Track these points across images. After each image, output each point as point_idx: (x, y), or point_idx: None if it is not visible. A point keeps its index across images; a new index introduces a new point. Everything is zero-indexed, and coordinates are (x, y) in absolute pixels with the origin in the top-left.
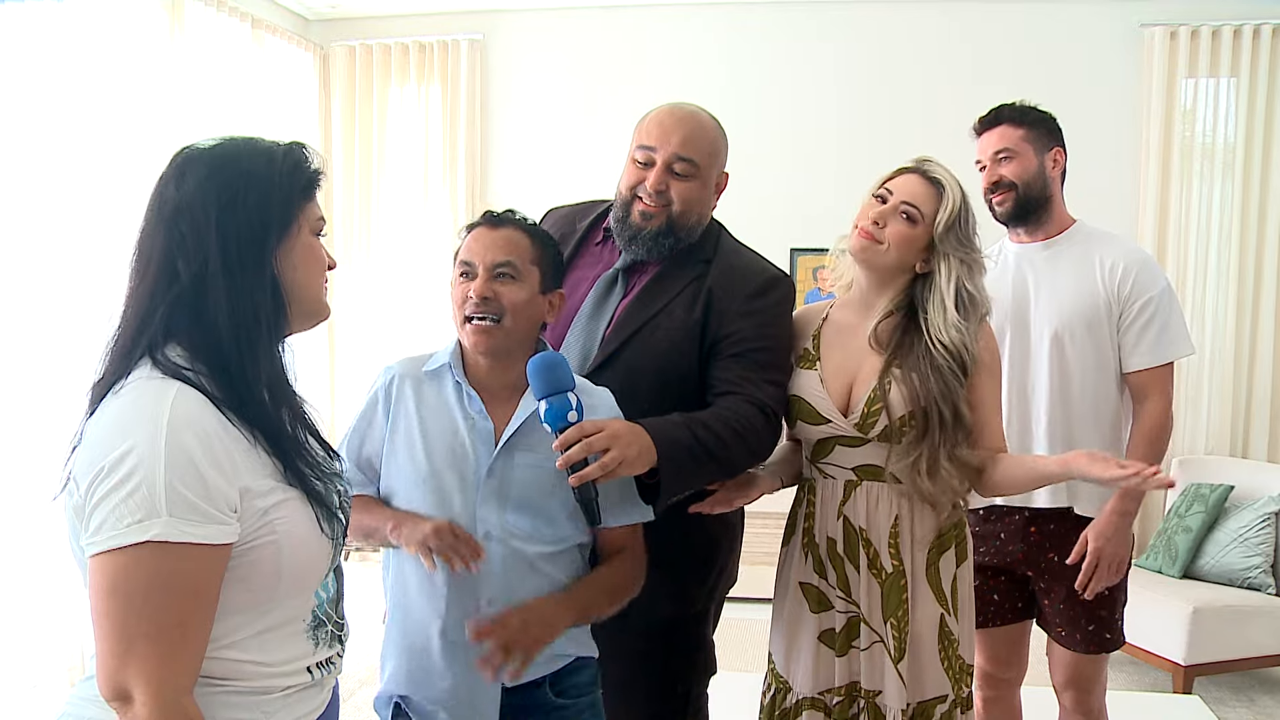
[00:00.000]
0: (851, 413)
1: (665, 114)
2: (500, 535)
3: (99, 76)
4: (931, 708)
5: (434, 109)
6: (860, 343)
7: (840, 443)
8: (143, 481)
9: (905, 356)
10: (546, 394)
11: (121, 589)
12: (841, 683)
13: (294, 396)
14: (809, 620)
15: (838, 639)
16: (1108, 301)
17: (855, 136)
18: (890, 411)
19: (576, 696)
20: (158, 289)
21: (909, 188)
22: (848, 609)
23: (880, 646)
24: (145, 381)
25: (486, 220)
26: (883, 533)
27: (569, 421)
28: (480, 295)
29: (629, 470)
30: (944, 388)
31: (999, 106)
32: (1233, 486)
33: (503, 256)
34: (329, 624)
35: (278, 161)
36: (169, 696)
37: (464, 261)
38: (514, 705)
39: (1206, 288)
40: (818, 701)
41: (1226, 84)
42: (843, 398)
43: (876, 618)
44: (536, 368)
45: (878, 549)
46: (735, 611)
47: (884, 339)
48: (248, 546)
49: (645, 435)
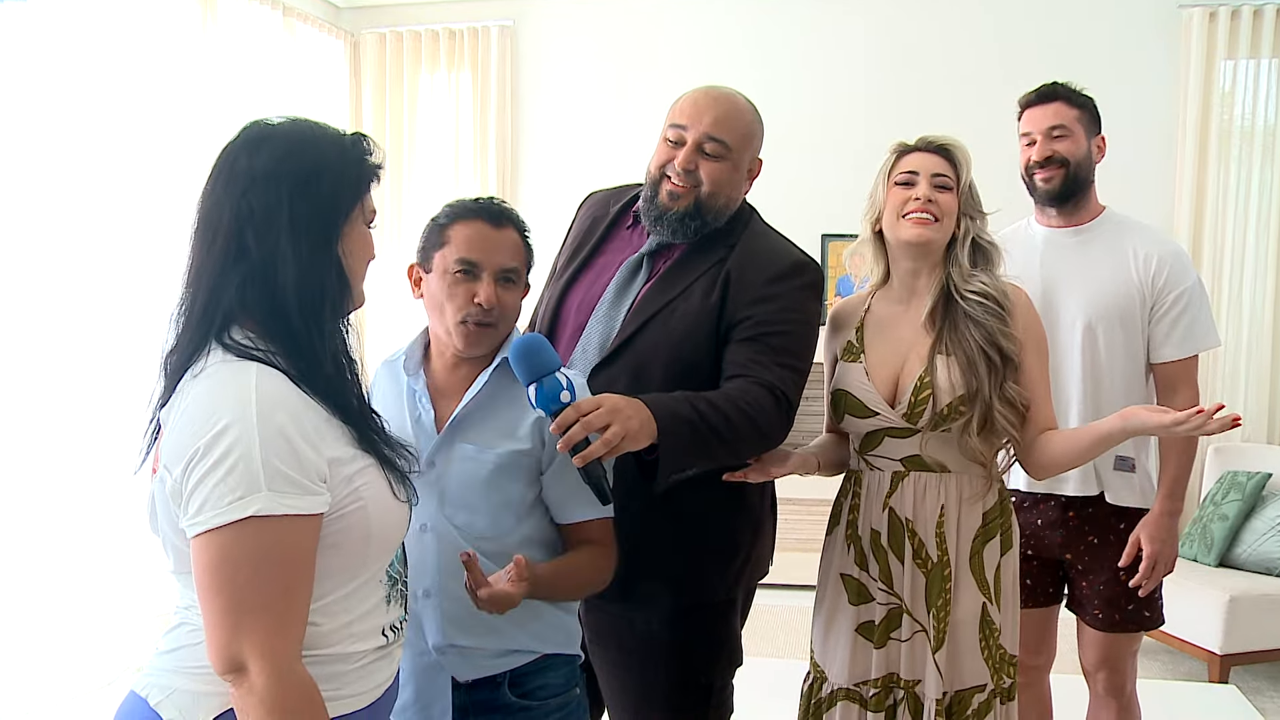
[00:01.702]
0: (899, 403)
1: (700, 94)
2: (436, 528)
3: (133, 65)
4: (969, 697)
5: (465, 96)
6: (904, 333)
7: (889, 434)
8: (240, 459)
9: (950, 335)
10: (534, 378)
11: (228, 565)
12: (878, 674)
13: (358, 373)
14: (847, 611)
15: (876, 631)
16: (1141, 293)
17: (885, 120)
18: (938, 396)
19: (544, 698)
20: (227, 260)
21: (929, 162)
22: (889, 601)
23: (922, 636)
24: (222, 365)
25: (487, 215)
26: (929, 523)
27: (562, 403)
28: (489, 304)
29: (633, 444)
30: (985, 332)
31: (1053, 83)
32: (1270, 474)
33: (511, 262)
34: (400, 581)
35: (348, 150)
36: (284, 665)
37: (466, 260)
38: (469, 704)
39: (1244, 274)
40: (853, 693)
41: (1267, 65)
42: (889, 388)
43: (920, 608)
44: (518, 353)
45: (923, 539)
46: (769, 598)
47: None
48: (339, 514)
49: (645, 408)
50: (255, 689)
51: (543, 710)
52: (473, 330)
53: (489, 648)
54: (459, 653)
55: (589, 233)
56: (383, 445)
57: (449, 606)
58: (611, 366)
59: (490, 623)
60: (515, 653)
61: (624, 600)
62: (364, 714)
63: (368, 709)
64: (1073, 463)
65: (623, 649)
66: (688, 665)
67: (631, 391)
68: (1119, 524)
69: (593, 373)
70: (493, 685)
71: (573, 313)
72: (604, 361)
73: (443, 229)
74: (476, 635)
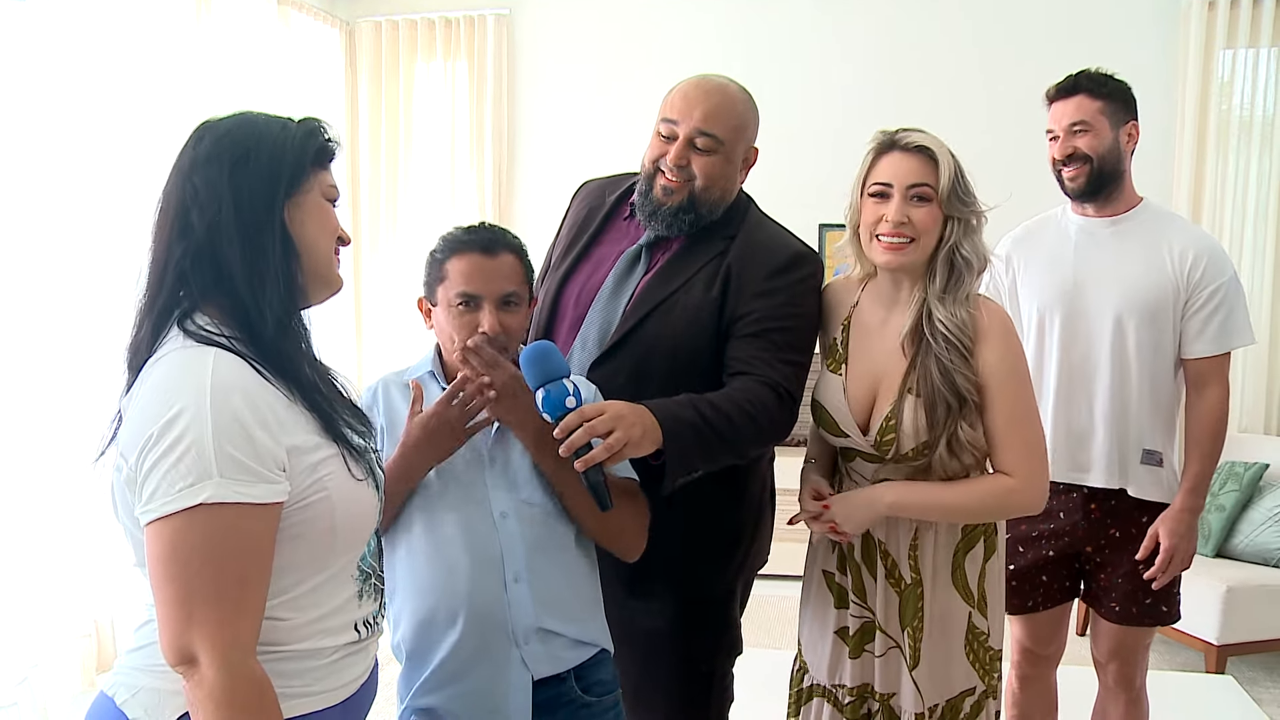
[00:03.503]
0: (870, 431)
1: (691, 86)
2: (515, 512)
3: (126, 55)
4: (961, 701)
5: (460, 85)
6: (886, 344)
7: (861, 456)
8: (192, 445)
9: (921, 368)
10: (541, 383)
11: (179, 553)
12: (854, 683)
13: (317, 359)
14: (829, 612)
15: (851, 640)
16: (1175, 288)
17: (885, 110)
18: (901, 440)
19: (601, 694)
20: (173, 240)
21: (904, 170)
22: (861, 614)
23: (897, 653)
24: (181, 350)
25: (479, 246)
26: (902, 546)
27: (567, 408)
28: (494, 332)
29: (635, 451)
30: (943, 371)
31: (1078, 74)
32: (1267, 465)
33: (509, 287)
34: (373, 576)
35: (291, 128)
36: (235, 657)
37: (465, 294)
38: (541, 702)
39: (1241, 264)
40: (829, 692)
41: (1266, 55)
42: (864, 410)
43: (894, 626)
44: (528, 358)
45: (896, 560)
46: (766, 588)
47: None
48: (302, 504)
49: (649, 415)
50: (205, 681)
51: (601, 706)
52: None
53: (570, 634)
54: (543, 640)
55: (585, 223)
56: (352, 433)
57: (541, 588)
58: (613, 359)
59: (575, 607)
60: (584, 645)
61: (630, 596)
62: (336, 710)
63: (340, 705)
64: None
65: (626, 641)
66: (689, 655)
67: (633, 384)
68: (1142, 517)
69: (594, 365)
70: (559, 681)
71: (571, 304)
72: (605, 354)
73: (440, 264)
74: (564, 619)
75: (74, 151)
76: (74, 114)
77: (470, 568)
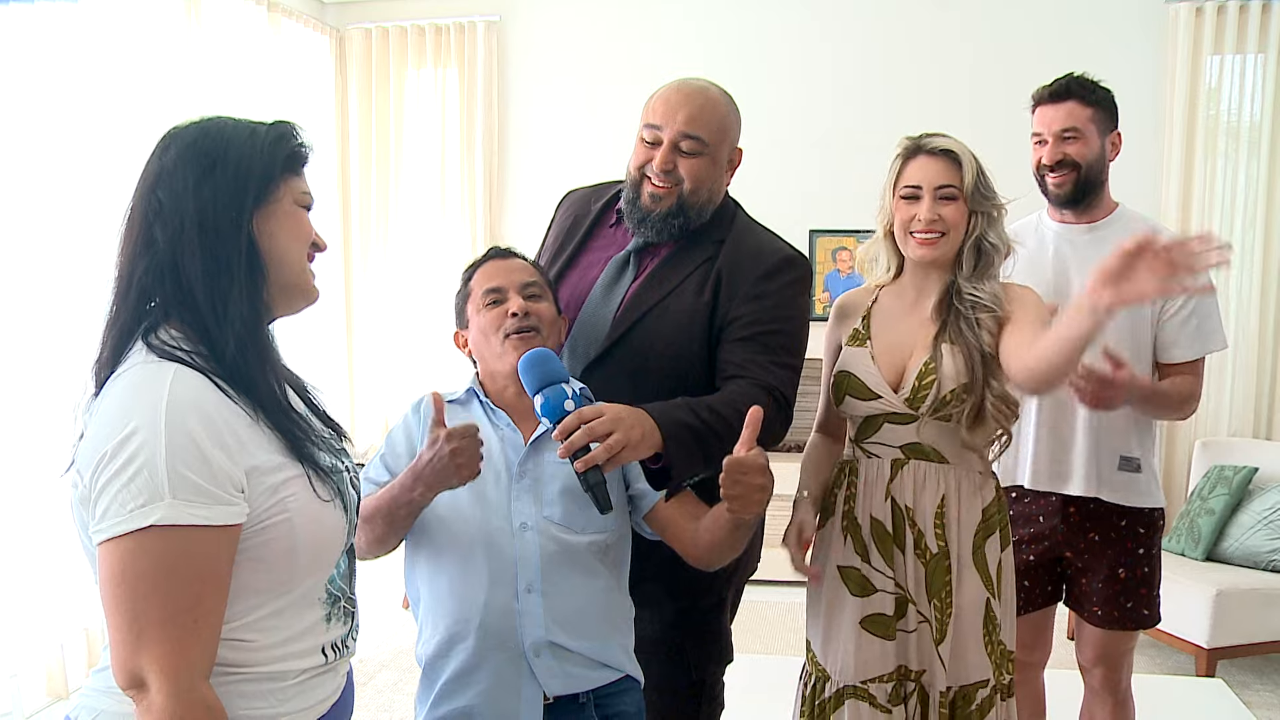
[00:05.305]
0: (902, 388)
1: (672, 91)
2: (536, 525)
3: (116, 60)
4: (973, 692)
5: (451, 92)
6: (912, 325)
7: (889, 420)
8: (144, 465)
9: (953, 328)
10: (540, 387)
11: (129, 575)
12: (889, 669)
13: (286, 371)
14: (850, 605)
15: (888, 622)
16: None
17: (875, 116)
18: (942, 382)
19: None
20: (136, 254)
21: (931, 172)
22: (896, 591)
23: (926, 627)
24: (142, 366)
25: (495, 254)
26: (928, 513)
27: (566, 411)
28: (522, 310)
29: (634, 454)
30: (978, 335)
31: (1067, 80)
32: (1257, 468)
33: (528, 277)
34: (342, 599)
35: (260, 134)
36: (184, 683)
37: (491, 289)
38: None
39: (1230, 269)
40: (860, 690)
41: (1254, 61)
42: (894, 374)
43: (923, 599)
44: (526, 364)
45: (923, 529)
46: (756, 594)
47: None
48: (261, 526)
49: (648, 418)
50: (154, 707)
51: None
52: (515, 341)
53: (584, 653)
54: (554, 655)
55: (571, 231)
56: (319, 452)
57: (554, 600)
58: (606, 364)
59: (589, 625)
60: (604, 668)
61: None
62: None
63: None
64: (1055, 369)
65: None
66: (680, 663)
67: (629, 388)
68: (1120, 521)
69: (587, 370)
70: (577, 705)
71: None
72: (597, 360)
73: (465, 284)
74: (576, 635)
75: (63, 159)
76: (64, 122)
77: (487, 577)
